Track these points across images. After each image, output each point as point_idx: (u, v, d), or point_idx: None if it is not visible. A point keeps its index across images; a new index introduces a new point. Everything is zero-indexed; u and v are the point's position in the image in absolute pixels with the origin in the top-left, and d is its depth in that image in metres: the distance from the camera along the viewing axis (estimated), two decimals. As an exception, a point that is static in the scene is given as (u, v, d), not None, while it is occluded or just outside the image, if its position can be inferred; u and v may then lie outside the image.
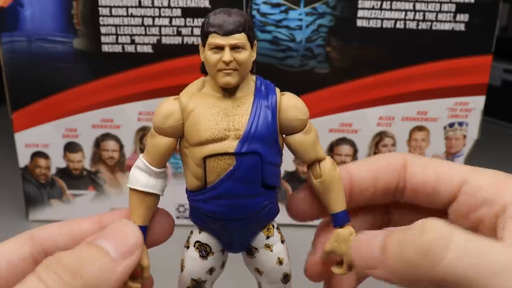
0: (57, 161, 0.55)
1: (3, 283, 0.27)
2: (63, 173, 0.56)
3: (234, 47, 0.26)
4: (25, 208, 0.57)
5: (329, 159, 0.29)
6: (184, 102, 0.26)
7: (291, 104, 0.27)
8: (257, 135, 0.26)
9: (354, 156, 0.55)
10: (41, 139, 0.54)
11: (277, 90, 0.28)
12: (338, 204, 0.28)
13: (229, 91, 0.27)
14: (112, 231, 0.26)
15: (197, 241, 0.29)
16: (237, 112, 0.26)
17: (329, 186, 0.28)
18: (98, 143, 0.54)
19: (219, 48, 0.26)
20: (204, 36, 0.26)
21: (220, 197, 0.26)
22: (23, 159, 0.55)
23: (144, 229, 0.28)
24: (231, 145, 0.26)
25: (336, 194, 0.28)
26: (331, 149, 0.55)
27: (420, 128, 0.54)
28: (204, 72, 0.28)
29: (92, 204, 0.57)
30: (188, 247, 0.29)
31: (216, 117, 0.26)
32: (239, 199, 0.26)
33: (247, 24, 0.26)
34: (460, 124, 0.54)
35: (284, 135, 0.28)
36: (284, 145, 0.28)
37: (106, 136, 0.54)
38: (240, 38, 0.26)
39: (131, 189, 0.28)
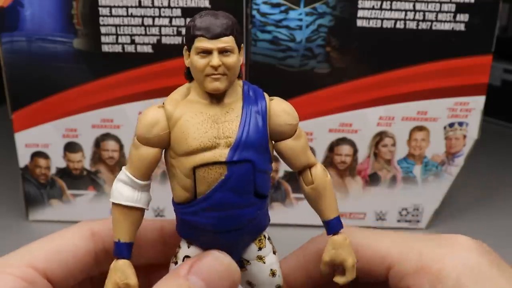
0: (57, 161, 0.55)
1: (70, 274, 0.27)
2: (63, 173, 0.56)
3: (222, 51, 0.25)
4: (25, 208, 0.57)
5: (320, 165, 0.28)
6: (170, 110, 0.25)
7: (281, 109, 0.26)
8: (248, 142, 0.25)
9: (354, 156, 0.55)
10: (41, 139, 0.54)
11: (266, 95, 0.27)
12: (331, 210, 0.27)
13: (216, 97, 0.26)
14: (207, 268, 0.25)
15: (186, 256, 0.27)
16: (226, 118, 0.25)
17: (321, 192, 0.27)
18: (98, 143, 0.54)
19: (207, 52, 0.25)
20: (190, 39, 0.25)
21: (211, 209, 0.25)
22: (23, 159, 0.55)
23: (130, 245, 0.26)
24: (222, 153, 0.25)
25: (328, 201, 0.27)
26: (331, 149, 0.55)
27: (420, 128, 0.54)
28: (188, 78, 0.27)
29: (92, 204, 0.57)
30: (176, 263, 0.28)
31: (205, 124, 0.25)
32: (231, 209, 0.25)
33: (234, 26, 0.25)
34: (460, 124, 0.54)
35: (274, 142, 0.27)
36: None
37: (106, 136, 0.54)
38: (228, 41, 0.25)
39: (114, 204, 0.26)
